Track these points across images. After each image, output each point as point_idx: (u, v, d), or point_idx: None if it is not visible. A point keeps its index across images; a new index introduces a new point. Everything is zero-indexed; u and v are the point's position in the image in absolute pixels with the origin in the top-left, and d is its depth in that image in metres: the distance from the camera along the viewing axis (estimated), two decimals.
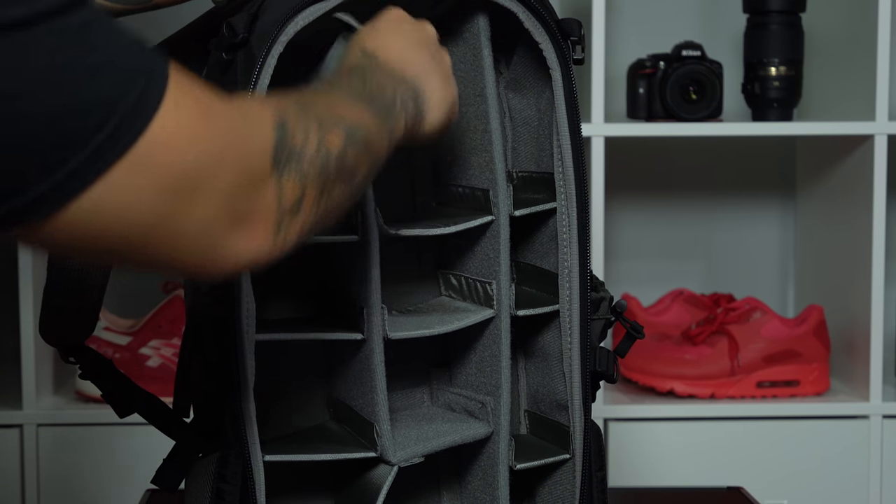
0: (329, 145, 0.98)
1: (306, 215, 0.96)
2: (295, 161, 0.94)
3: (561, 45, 1.31)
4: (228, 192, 0.89)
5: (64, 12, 0.82)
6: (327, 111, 1.01)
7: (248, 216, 0.91)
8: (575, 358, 1.35)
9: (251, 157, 0.91)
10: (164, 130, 0.85)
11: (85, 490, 2.22)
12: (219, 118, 0.90)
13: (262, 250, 0.93)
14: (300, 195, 0.95)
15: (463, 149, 1.38)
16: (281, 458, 1.28)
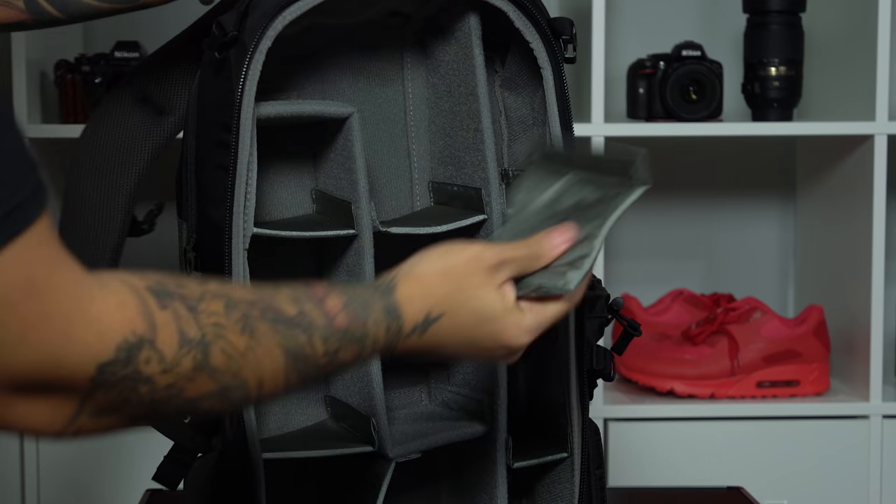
0: (185, 388, 0.85)
1: (115, 421, 0.84)
2: (128, 384, 0.82)
3: (552, 43, 1.31)
4: (15, 373, 0.78)
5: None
6: (231, 357, 0.87)
7: (39, 396, 0.80)
8: (571, 356, 1.35)
9: (62, 361, 0.79)
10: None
11: (85, 490, 2.22)
12: (52, 309, 0.78)
13: (46, 430, 0.82)
14: (115, 406, 0.83)
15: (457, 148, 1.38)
16: (280, 455, 1.28)
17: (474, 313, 1.04)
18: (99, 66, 2.22)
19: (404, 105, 1.41)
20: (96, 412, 0.83)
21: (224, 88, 1.21)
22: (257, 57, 1.20)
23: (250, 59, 1.20)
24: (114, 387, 0.82)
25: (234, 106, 1.20)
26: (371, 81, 1.40)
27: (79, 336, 0.79)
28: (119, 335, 0.81)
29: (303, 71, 1.36)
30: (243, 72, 1.19)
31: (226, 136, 1.21)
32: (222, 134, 1.21)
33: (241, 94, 1.20)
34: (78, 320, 0.79)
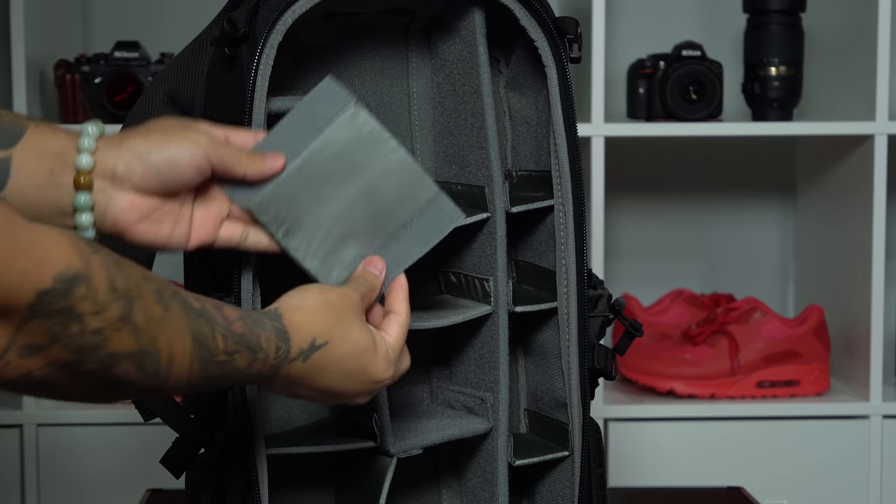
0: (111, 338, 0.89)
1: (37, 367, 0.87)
2: (61, 319, 0.86)
3: (557, 43, 1.31)
4: None
5: None
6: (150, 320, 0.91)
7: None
8: (573, 355, 1.35)
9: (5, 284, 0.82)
10: None
11: (85, 490, 2.22)
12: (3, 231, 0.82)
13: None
14: (42, 345, 0.86)
15: (461, 146, 1.38)
16: (282, 451, 1.28)
17: (354, 344, 1.09)
18: (99, 66, 2.21)
19: (408, 104, 1.41)
20: (24, 350, 0.85)
21: (235, 84, 1.21)
22: (268, 51, 1.20)
23: (260, 53, 1.20)
24: (48, 318, 0.84)
25: (246, 101, 1.20)
26: (375, 79, 1.40)
27: (18, 262, 0.83)
28: (56, 266, 0.85)
29: (307, 68, 1.36)
30: (254, 66, 1.20)
31: None
32: None
33: (253, 88, 1.20)
34: (16, 249, 0.83)
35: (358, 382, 1.10)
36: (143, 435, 2.21)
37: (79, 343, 0.87)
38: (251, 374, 1.02)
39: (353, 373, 1.09)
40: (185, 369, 0.95)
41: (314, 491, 1.42)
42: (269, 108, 1.22)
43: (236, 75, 1.22)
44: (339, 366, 1.08)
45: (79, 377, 0.90)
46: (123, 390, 0.93)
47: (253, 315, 1.03)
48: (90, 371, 0.89)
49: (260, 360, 1.02)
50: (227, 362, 0.99)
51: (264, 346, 1.02)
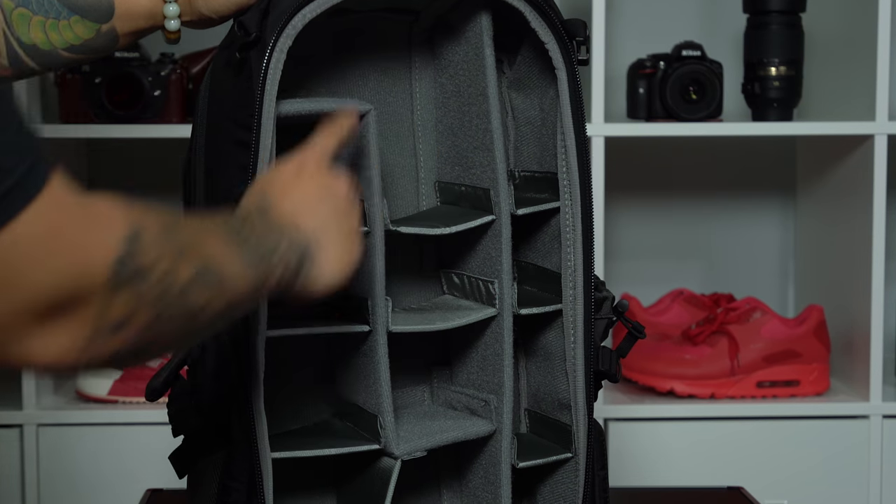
0: (177, 275, 0.91)
1: (127, 337, 0.89)
2: (136, 281, 0.88)
3: (567, 45, 1.31)
4: (45, 293, 0.83)
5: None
6: (190, 240, 0.95)
7: (59, 322, 0.85)
8: (578, 357, 1.35)
9: (86, 265, 0.85)
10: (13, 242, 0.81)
11: (85, 490, 2.22)
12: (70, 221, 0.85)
13: (64, 359, 0.86)
14: (127, 316, 0.88)
15: (465, 148, 1.38)
16: (287, 454, 1.28)
17: (276, 172, 1.16)
18: (99, 66, 2.21)
19: (411, 104, 1.41)
20: (112, 328, 0.87)
21: (244, 88, 1.21)
22: (277, 55, 1.20)
23: (269, 57, 1.20)
24: (127, 285, 0.87)
25: (255, 105, 1.20)
26: (379, 80, 1.40)
27: (94, 237, 0.86)
28: (120, 230, 0.88)
29: (310, 68, 1.36)
30: (262, 70, 1.19)
31: (245, 135, 1.21)
32: (242, 133, 1.21)
33: (262, 92, 1.20)
34: (89, 225, 0.86)
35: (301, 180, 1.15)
36: (143, 435, 2.21)
37: (156, 295, 0.90)
38: (271, 235, 1.05)
39: (290, 175, 1.15)
40: (230, 261, 0.98)
41: (317, 492, 1.42)
42: (279, 110, 1.22)
43: (245, 78, 1.21)
44: (285, 185, 1.13)
45: (164, 328, 0.92)
46: (202, 318, 0.95)
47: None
48: (171, 316, 0.92)
49: (259, 221, 1.06)
50: (247, 238, 1.02)
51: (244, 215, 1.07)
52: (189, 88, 2.25)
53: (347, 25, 1.37)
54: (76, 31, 1.31)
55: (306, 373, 1.40)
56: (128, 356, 0.91)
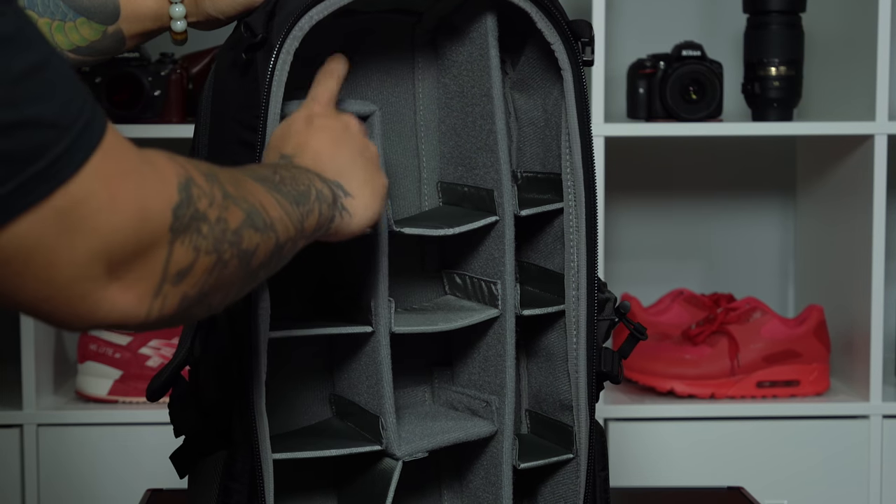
0: (228, 219, 0.94)
1: (191, 285, 0.91)
2: (194, 226, 0.90)
3: (573, 46, 1.31)
4: (114, 242, 0.85)
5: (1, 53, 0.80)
6: (233, 185, 0.96)
7: (128, 273, 0.86)
8: (581, 358, 1.35)
9: (148, 213, 0.87)
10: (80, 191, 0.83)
11: (85, 490, 2.22)
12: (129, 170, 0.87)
13: (135, 312, 0.88)
14: (190, 263, 0.90)
15: (468, 148, 1.38)
16: (288, 455, 1.28)
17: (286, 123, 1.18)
18: (99, 66, 2.21)
19: (414, 105, 1.41)
20: (176, 277, 0.89)
21: (250, 88, 1.21)
22: (283, 57, 1.20)
23: (276, 59, 1.19)
24: (186, 233, 0.89)
25: (261, 106, 1.20)
26: (381, 80, 1.40)
27: (153, 186, 0.88)
28: (174, 178, 0.90)
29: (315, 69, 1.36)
30: (269, 72, 1.19)
31: (251, 135, 1.21)
32: (247, 134, 1.21)
33: (268, 94, 1.20)
34: (147, 173, 0.88)
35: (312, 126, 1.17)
36: (143, 435, 2.21)
37: (213, 239, 0.92)
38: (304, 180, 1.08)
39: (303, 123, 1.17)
40: (275, 206, 1.00)
41: (318, 492, 1.41)
42: (284, 112, 1.22)
43: (251, 80, 1.21)
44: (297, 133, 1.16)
45: (222, 272, 0.94)
46: (254, 261, 0.97)
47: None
48: (228, 259, 0.94)
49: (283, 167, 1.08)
50: (282, 179, 1.04)
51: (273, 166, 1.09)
52: (189, 88, 2.25)
53: (352, 26, 1.37)
54: (82, 33, 1.31)
55: (308, 373, 1.40)
56: (192, 307, 0.93)
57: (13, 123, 0.80)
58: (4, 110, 0.80)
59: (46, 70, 0.82)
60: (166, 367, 1.30)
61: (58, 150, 0.82)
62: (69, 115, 0.83)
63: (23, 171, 0.80)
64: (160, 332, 2.28)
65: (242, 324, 1.21)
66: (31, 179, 0.81)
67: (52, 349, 2.30)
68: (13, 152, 0.80)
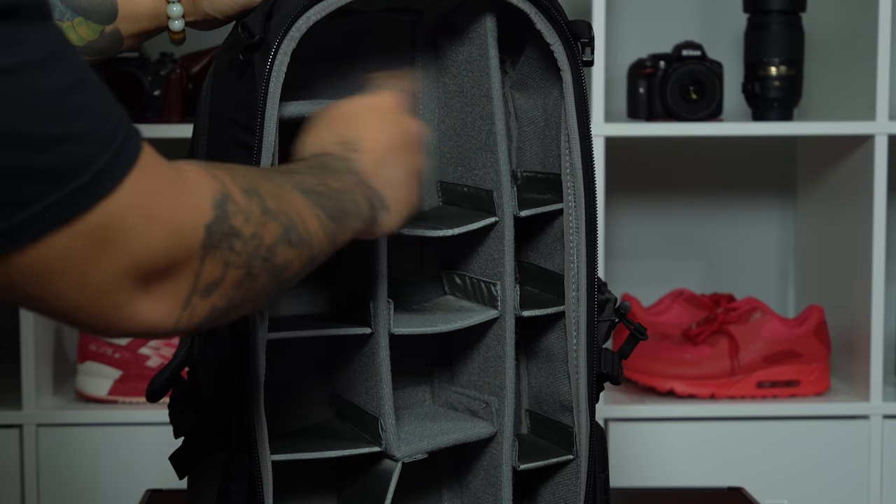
0: (263, 235, 0.95)
1: (220, 297, 0.93)
2: (227, 243, 0.91)
3: (572, 46, 1.31)
4: (146, 258, 0.86)
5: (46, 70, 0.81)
6: (274, 199, 0.97)
7: (158, 286, 0.88)
8: (581, 359, 1.35)
9: (181, 230, 0.88)
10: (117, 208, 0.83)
11: (85, 490, 2.22)
12: (164, 188, 0.87)
13: (163, 322, 0.90)
14: (219, 278, 0.92)
15: (468, 149, 1.38)
16: (287, 457, 1.28)
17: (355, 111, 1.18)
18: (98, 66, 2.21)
19: (414, 104, 1.41)
20: (205, 290, 0.91)
21: (247, 89, 1.21)
22: (280, 58, 1.20)
23: (272, 60, 1.19)
24: (218, 249, 0.91)
25: (258, 107, 1.20)
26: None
27: (187, 204, 0.89)
28: (210, 195, 0.91)
29: (313, 69, 1.36)
30: (266, 73, 1.19)
31: (247, 137, 1.20)
32: (244, 135, 1.21)
33: (265, 95, 1.19)
34: (182, 190, 0.89)
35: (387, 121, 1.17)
36: (143, 435, 2.21)
37: (245, 255, 0.93)
38: (351, 190, 1.08)
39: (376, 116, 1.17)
40: (314, 221, 1.01)
41: (317, 493, 1.41)
42: (281, 112, 1.22)
43: (248, 80, 1.21)
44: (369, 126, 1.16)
45: (251, 285, 0.95)
46: (286, 275, 0.99)
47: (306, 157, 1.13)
48: (258, 274, 0.95)
49: (340, 172, 1.10)
50: (328, 191, 1.05)
51: (329, 163, 1.10)
52: (189, 88, 2.25)
53: (350, 26, 1.37)
54: (80, 33, 1.31)
55: (307, 374, 1.40)
56: (221, 316, 0.94)
57: (59, 137, 0.81)
58: (52, 124, 0.81)
59: (88, 86, 0.84)
60: (166, 368, 1.30)
61: (99, 164, 0.83)
62: (110, 132, 0.84)
63: (66, 185, 0.81)
64: None
65: (242, 325, 1.21)
66: (73, 193, 0.82)
67: (52, 349, 2.30)
68: (58, 165, 0.81)
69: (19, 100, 0.79)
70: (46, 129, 0.80)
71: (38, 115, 0.80)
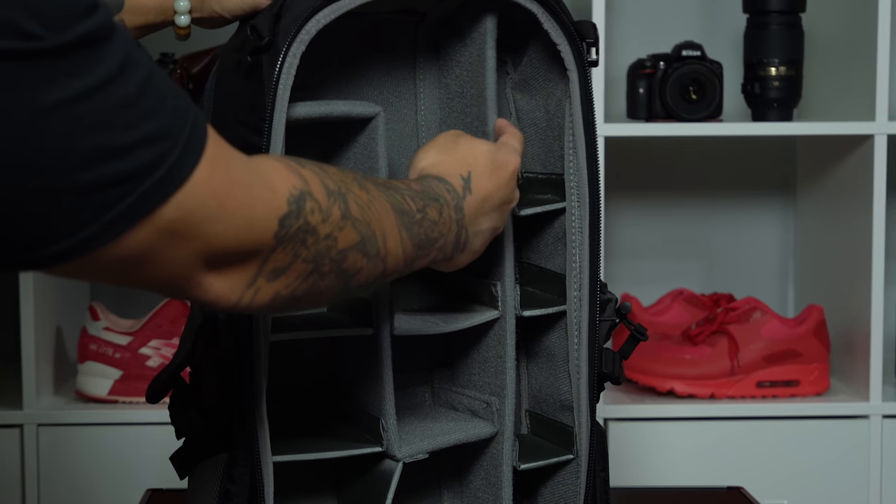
0: (338, 238, 0.98)
1: (285, 285, 0.96)
2: (300, 237, 0.95)
3: (579, 46, 1.31)
4: (218, 246, 0.90)
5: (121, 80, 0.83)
6: (360, 207, 1.00)
7: (228, 266, 0.92)
8: (583, 360, 1.35)
9: (254, 222, 0.91)
10: (190, 200, 0.87)
11: (85, 490, 2.22)
12: (237, 180, 0.90)
13: (226, 297, 0.93)
14: (286, 266, 0.95)
15: None
16: (289, 458, 1.28)
17: (482, 151, 1.21)
18: None
19: (415, 105, 1.41)
20: (271, 274, 0.94)
21: (255, 91, 1.20)
22: (290, 61, 1.19)
23: (282, 63, 1.19)
24: (289, 241, 0.94)
25: (266, 110, 1.19)
26: (382, 80, 1.40)
27: (260, 196, 0.92)
28: (286, 190, 0.94)
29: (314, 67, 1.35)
30: (275, 75, 1.19)
31: (255, 138, 1.20)
32: (252, 137, 1.20)
33: (274, 97, 1.19)
34: (256, 183, 0.92)
35: (502, 178, 1.21)
36: (143, 435, 2.21)
37: (315, 252, 0.96)
38: (446, 223, 1.12)
39: (496, 170, 1.21)
40: (396, 241, 1.04)
41: (317, 493, 1.41)
42: (289, 115, 1.22)
43: (256, 82, 1.21)
44: (487, 175, 1.19)
45: (317, 282, 0.98)
46: (353, 282, 1.01)
47: (419, 178, 1.16)
48: (326, 273, 0.98)
49: (445, 205, 1.13)
50: (423, 219, 1.08)
51: (439, 192, 1.13)
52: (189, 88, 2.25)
53: (354, 27, 1.37)
54: None
55: (308, 375, 1.40)
56: (284, 304, 0.97)
57: (135, 143, 0.83)
58: (127, 132, 0.83)
59: (154, 81, 0.86)
60: (166, 369, 1.30)
61: (172, 158, 0.85)
62: (178, 123, 0.86)
63: (143, 183, 0.84)
64: (160, 332, 2.28)
65: (243, 326, 1.21)
66: (150, 189, 0.85)
67: (52, 349, 2.30)
68: (136, 169, 0.84)
69: (101, 116, 0.82)
70: (126, 138, 0.83)
71: (118, 127, 0.83)
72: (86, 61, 0.81)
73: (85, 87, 0.81)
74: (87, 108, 0.81)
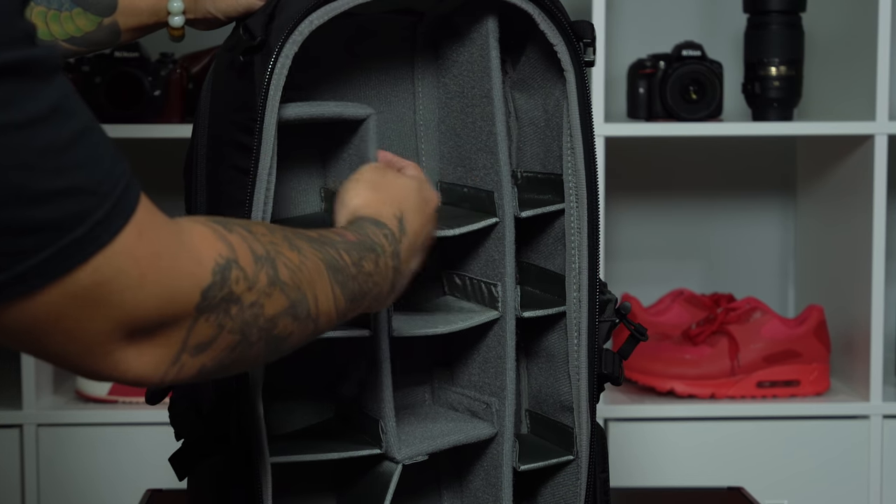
0: (265, 305, 0.94)
1: (211, 358, 0.92)
2: (223, 308, 0.90)
3: (576, 46, 1.31)
4: (137, 316, 0.85)
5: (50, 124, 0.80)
6: (291, 270, 0.96)
7: (147, 341, 0.87)
8: (582, 360, 1.35)
9: (175, 294, 0.87)
10: (110, 266, 0.83)
11: (85, 490, 2.22)
12: (163, 250, 0.86)
13: (151, 375, 0.89)
14: (212, 338, 0.91)
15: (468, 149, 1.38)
16: (287, 459, 1.28)
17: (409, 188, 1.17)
18: (99, 66, 2.21)
19: (414, 104, 1.41)
20: (195, 349, 0.90)
21: (247, 91, 1.21)
22: (282, 61, 1.19)
23: (274, 63, 1.19)
24: (213, 312, 0.89)
25: (258, 110, 1.19)
26: (381, 80, 1.40)
27: (184, 267, 0.87)
28: (211, 260, 0.90)
29: (312, 68, 1.36)
30: (267, 76, 1.19)
31: (246, 138, 1.20)
32: (242, 136, 1.21)
33: (265, 98, 1.19)
34: (180, 254, 0.87)
35: (428, 215, 1.17)
36: (143, 435, 2.21)
37: (241, 321, 0.92)
38: (381, 272, 1.07)
39: (424, 205, 1.17)
40: (329, 299, 1.00)
41: (316, 495, 1.41)
42: (281, 115, 1.22)
43: (248, 82, 1.21)
44: (417, 212, 1.15)
45: (245, 350, 0.94)
46: (284, 345, 0.97)
47: (352, 225, 1.10)
48: (254, 342, 0.94)
49: (382, 254, 1.08)
50: (359, 273, 1.04)
51: (376, 239, 1.08)
52: (189, 88, 2.25)
53: (351, 27, 1.37)
54: (77, 24, 1.31)
55: (306, 376, 1.40)
56: (211, 373, 0.93)
57: (60, 191, 0.80)
58: (49, 178, 0.80)
59: (92, 138, 0.83)
60: None
61: (97, 216, 0.82)
62: (109, 181, 0.83)
63: (62, 238, 0.81)
64: None
65: None
66: (69, 246, 0.81)
67: None
68: (57, 219, 0.80)
69: (23, 155, 0.78)
70: (48, 184, 0.79)
71: (40, 170, 0.79)
72: (13, 93, 0.78)
73: (8, 119, 0.77)
74: (6, 141, 0.77)
